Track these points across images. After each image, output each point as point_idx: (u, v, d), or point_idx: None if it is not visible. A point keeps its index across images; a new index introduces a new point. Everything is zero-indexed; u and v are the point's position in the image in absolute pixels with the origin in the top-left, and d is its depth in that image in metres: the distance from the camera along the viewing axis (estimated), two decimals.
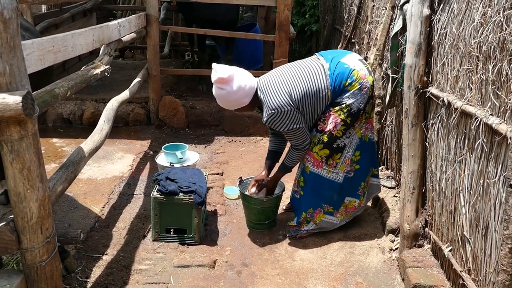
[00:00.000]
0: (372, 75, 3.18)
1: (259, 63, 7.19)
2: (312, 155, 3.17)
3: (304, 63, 3.15)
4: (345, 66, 3.04)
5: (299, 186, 3.31)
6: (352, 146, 3.17)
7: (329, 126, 3.07)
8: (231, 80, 2.91)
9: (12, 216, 2.03)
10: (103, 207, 3.68)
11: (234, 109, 3.11)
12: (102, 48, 3.54)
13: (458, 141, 2.48)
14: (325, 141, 3.11)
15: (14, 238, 2.00)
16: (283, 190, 3.47)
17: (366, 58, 4.08)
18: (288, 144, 3.32)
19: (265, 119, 3.03)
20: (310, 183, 3.24)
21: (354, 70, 3.02)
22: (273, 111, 2.96)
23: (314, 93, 3.00)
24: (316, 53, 3.26)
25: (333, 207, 3.29)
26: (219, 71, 2.87)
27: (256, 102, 3.09)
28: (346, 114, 3.04)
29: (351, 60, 3.08)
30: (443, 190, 2.67)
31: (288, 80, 3.01)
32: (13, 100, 1.72)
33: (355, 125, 3.12)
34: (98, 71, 3.05)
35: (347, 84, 3.01)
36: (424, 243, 2.94)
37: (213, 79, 2.91)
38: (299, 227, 3.34)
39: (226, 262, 3.03)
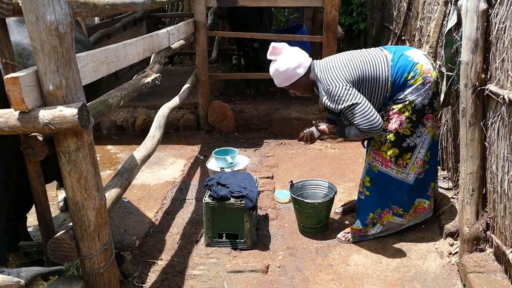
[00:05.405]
0: (437, 70, 3.06)
1: None
2: (380, 154, 3.10)
3: (366, 51, 3.09)
4: (408, 59, 2.95)
5: (364, 187, 3.23)
6: (424, 146, 3.07)
7: (394, 125, 2.98)
8: (283, 49, 3.01)
9: (71, 224, 2.09)
10: (157, 213, 3.75)
11: (291, 88, 3.09)
12: (152, 57, 3.60)
13: None
14: (392, 140, 3.02)
15: (73, 245, 2.06)
16: (335, 193, 3.41)
17: None
18: None
19: (323, 97, 2.97)
20: (378, 183, 3.16)
21: (418, 63, 2.93)
22: (329, 86, 2.90)
23: (372, 79, 2.93)
24: (380, 47, 3.19)
25: (403, 209, 3.20)
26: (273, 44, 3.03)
27: (312, 81, 3.05)
28: (410, 111, 2.94)
29: (416, 54, 2.99)
30: (506, 192, 2.53)
31: (348, 62, 2.97)
32: (69, 112, 1.77)
33: (427, 124, 3.02)
34: (149, 79, 3.11)
35: (409, 77, 2.91)
36: (486, 247, 2.81)
37: (268, 53, 3.03)
38: (365, 232, 3.26)
39: (279, 267, 3.01)
